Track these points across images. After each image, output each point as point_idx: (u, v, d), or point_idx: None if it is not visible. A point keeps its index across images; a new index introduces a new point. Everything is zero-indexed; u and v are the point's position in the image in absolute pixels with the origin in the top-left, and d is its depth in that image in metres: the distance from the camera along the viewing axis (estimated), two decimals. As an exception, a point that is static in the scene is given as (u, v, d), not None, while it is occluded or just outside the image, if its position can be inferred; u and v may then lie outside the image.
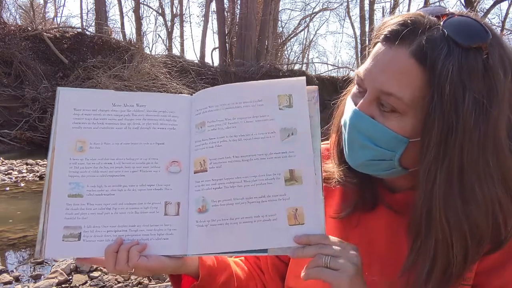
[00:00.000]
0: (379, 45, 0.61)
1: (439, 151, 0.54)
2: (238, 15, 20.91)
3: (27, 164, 7.23)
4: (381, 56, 0.59)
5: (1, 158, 7.40)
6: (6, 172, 6.39)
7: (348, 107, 0.66)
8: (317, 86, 0.66)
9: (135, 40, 18.13)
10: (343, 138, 0.67)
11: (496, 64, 0.54)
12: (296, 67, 24.46)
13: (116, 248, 0.63)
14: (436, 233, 0.56)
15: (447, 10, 0.60)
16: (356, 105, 0.63)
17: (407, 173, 0.64)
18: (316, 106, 0.65)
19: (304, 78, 0.66)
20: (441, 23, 0.57)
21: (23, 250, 3.40)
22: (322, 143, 0.68)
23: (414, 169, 0.61)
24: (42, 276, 2.83)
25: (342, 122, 0.67)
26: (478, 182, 0.54)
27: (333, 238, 0.61)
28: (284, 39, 28.50)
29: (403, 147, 0.59)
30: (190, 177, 0.66)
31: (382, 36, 0.60)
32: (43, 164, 7.24)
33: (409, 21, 0.57)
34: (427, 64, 0.55)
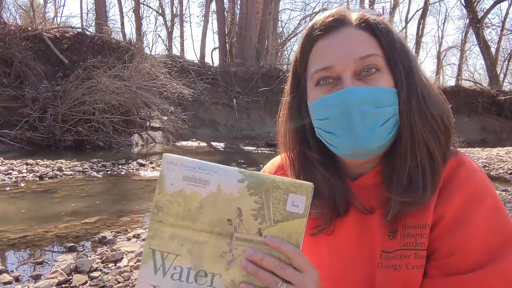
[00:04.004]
0: (321, 41, 0.71)
1: (408, 87, 0.70)
2: (238, 15, 20.92)
3: (27, 164, 7.21)
4: (335, 41, 0.70)
5: (1, 158, 7.39)
6: (6, 172, 6.38)
7: (327, 100, 0.70)
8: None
9: (135, 40, 18.16)
10: (331, 133, 0.71)
11: None
12: (296, 67, 24.37)
13: None
14: (420, 148, 0.69)
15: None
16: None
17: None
18: None
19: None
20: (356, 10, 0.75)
21: (23, 250, 3.39)
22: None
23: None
24: (42, 276, 2.82)
25: (333, 117, 0.69)
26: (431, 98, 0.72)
27: (301, 258, 0.58)
28: (284, 39, 28.53)
29: (396, 98, 0.70)
30: None
31: (320, 32, 0.71)
32: (43, 164, 7.24)
33: (335, 13, 0.72)
34: (373, 31, 0.71)
